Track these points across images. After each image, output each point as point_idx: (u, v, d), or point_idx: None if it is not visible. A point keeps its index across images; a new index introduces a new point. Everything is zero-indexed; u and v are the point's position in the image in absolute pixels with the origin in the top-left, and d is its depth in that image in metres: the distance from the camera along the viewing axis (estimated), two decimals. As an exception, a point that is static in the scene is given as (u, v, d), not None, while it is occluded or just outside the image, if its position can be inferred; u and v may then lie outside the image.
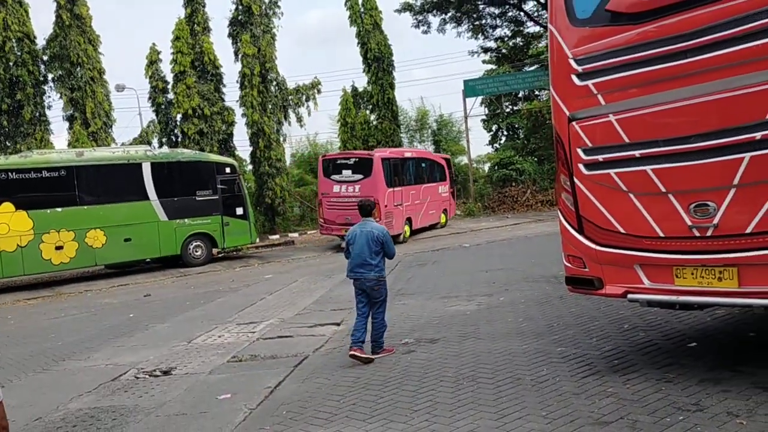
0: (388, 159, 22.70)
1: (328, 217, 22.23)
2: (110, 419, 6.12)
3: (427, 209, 25.16)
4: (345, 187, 21.66)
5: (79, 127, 27.21)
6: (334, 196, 21.86)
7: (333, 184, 21.93)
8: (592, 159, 5.55)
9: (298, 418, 5.49)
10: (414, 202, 23.73)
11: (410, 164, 24.77)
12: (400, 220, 22.61)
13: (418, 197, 24.15)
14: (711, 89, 4.70)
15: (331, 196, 22.00)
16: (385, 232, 7.46)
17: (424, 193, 24.77)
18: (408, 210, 23.24)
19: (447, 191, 27.19)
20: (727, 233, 4.77)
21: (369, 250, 7.25)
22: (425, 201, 24.79)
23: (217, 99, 29.81)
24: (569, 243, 5.89)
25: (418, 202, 24.18)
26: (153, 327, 10.82)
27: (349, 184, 21.60)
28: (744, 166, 4.61)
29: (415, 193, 24.04)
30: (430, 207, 25.43)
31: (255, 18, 30.21)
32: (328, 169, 22.45)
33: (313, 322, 9.78)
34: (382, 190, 21.39)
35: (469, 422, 4.86)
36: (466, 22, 38.87)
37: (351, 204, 20.17)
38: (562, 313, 8.34)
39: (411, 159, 25.17)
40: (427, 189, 25.31)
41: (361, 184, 21.29)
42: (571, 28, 5.60)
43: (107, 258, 19.36)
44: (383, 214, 20.71)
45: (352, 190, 21.34)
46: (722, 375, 5.26)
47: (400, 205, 22.60)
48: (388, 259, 7.47)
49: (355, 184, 21.44)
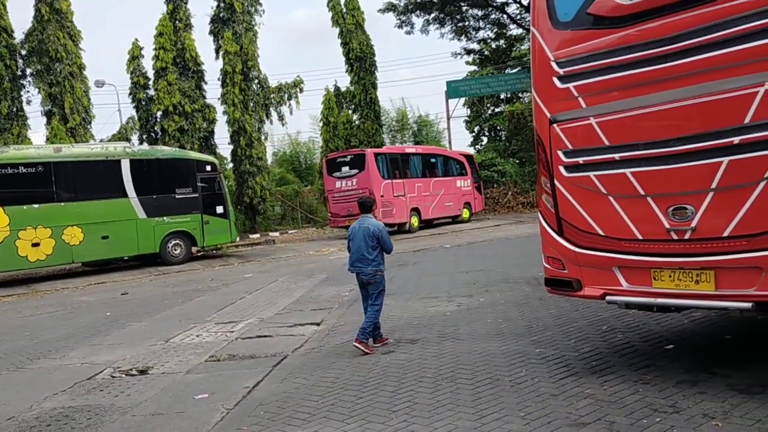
0: (383, 154, 25.73)
1: (334, 211, 25.20)
2: (85, 418, 6.03)
3: (441, 201, 27.09)
4: (344, 182, 24.67)
5: (57, 122, 26.89)
6: (337, 192, 24.85)
7: (335, 180, 25.06)
8: (572, 161, 5.58)
9: (276, 419, 5.45)
10: (422, 193, 26.23)
11: (414, 159, 27.39)
12: (403, 210, 25.23)
13: (427, 189, 26.55)
14: (691, 93, 4.74)
15: (334, 191, 25.05)
16: (381, 227, 7.63)
17: (435, 186, 26.99)
18: (413, 201, 25.78)
19: (469, 186, 28.98)
20: (704, 236, 4.82)
21: (366, 245, 7.50)
22: (438, 193, 26.83)
23: (198, 96, 29.62)
24: (549, 245, 5.91)
25: (428, 194, 26.51)
26: (130, 326, 10.71)
27: (347, 178, 24.61)
28: (722, 170, 4.65)
29: (423, 185, 26.47)
30: (446, 199, 27.33)
31: (237, 15, 30.07)
32: (330, 167, 25.56)
33: (292, 322, 9.73)
34: (377, 181, 24.12)
35: (448, 423, 4.86)
36: (449, 24, 39.05)
37: (351, 197, 23.41)
38: (542, 315, 8.37)
39: (415, 155, 27.82)
40: (439, 182, 27.36)
41: (357, 178, 24.24)
42: (553, 31, 5.63)
43: (84, 255, 19.16)
44: (380, 204, 23.24)
45: (351, 184, 24.35)
46: (699, 377, 5.31)
47: (402, 196, 25.18)
48: (386, 253, 7.68)
49: (353, 178, 24.42)
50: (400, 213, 25.04)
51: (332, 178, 25.22)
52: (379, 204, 22.61)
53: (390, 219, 24.41)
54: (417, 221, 26.00)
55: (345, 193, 24.49)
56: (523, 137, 34.19)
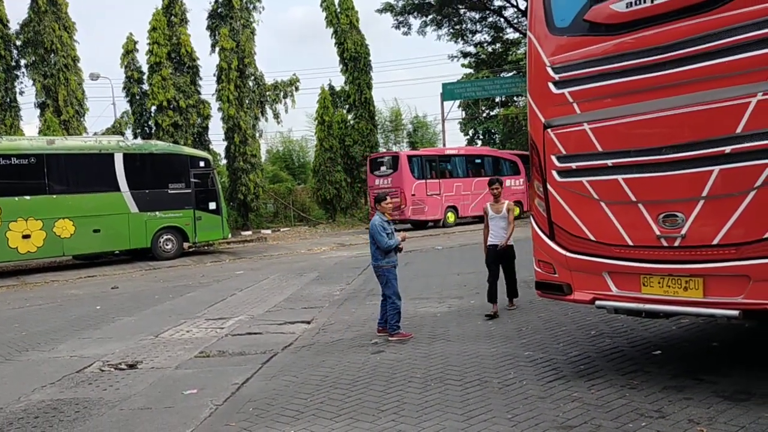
0: (418, 156, 28.15)
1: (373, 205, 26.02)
2: (73, 411, 6.03)
3: (484, 200, 27.97)
4: (382, 180, 27.36)
5: (50, 114, 26.76)
6: (376, 188, 26.91)
7: (375, 178, 27.80)
8: (565, 166, 5.62)
9: (264, 415, 5.46)
10: (460, 192, 28.17)
11: (456, 160, 29.32)
12: (437, 208, 27.47)
13: (468, 189, 28.33)
14: (684, 102, 4.79)
15: (374, 188, 27.25)
16: (374, 224, 7.98)
17: (477, 186, 28.15)
18: (450, 199, 27.86)
19: (521, 185, 30.08)
20: (694, 244, 4.87)
21: (370, 241, 8.09)
22: (481, 193, 27.63)
23: (193, 92, 29.51)
24: (540, 248, 5.96)
25: (468, 193, 28.28)
26: (120, 320, 10.69)
27: (384, 177, 27.36)
28: (713, 179, 4.71)
29: (463, 185, 28.35)
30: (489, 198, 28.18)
31: (235, 11, 30.00)
32: (372, 166, 28.34)
33: (283, 320, 9.74)
34: (408, 181, 26.65)
35: (436, 423, 4.89)
36: (446, 26, 39.07)
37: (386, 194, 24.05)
38: (531, 318, 8.42)
39: (457, 156, 29.70)
40: (482, 182, 28.19)
41: (392, 177, 26.99)
42: (549, 36, 5.67)
43: (75, 248, 19.07)
44: (411, 202, 26.47)
45: (386, 182, 27.01)
46: (685, 383, 5.36)
47: (437, 195, 27.38)
48: (380, 249, 7.92)
49: (388, 177, 27.17)
50: (434, 210, 27.38)
51: (373, 176, 27.99)
52: (409, 202, 26.25)
53: (422, 216, 27.22)
54: (454, 218, 27.93)
55: (382, 190, 26.04)
56: (518, 141, 34.35)
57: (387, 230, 7.90)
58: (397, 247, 7.99)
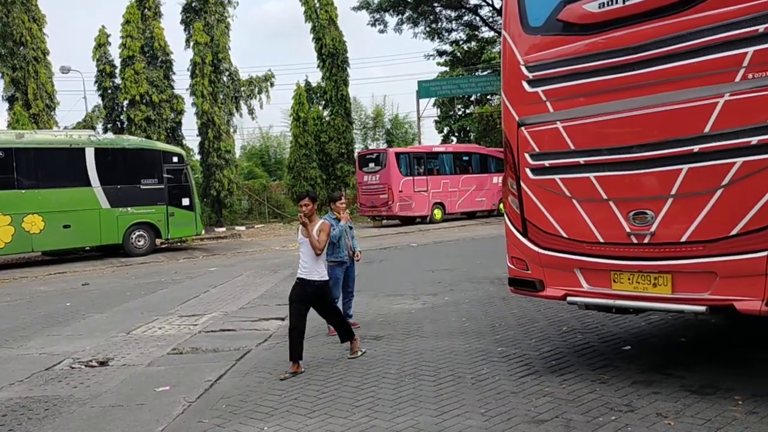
0: (406, 153, 28.32)
1: (362, 202, 28.25)
2: (42, 409, 5.94)
3: (471, 197, 28.79)
4: (370, 177, 27.50)
5: (20, 108, 26.28)
6: (364, 185, 27.72)
7: (363, 174, 27.89)
8: (538, 164, 5.69)
9: (237, 412, 5.44)
10: (447, 189, 28.19)
11: (443, 157, 29.24)
12: (423, 204, 27.54)
13: (455, 186, 28.41)
14: (654, 102, 4.87)
15: (363, 184, 27.93)
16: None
17: (465, 182, 28.73)
18: (437, 196, 27.95)
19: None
20: (663, 241, 4.96)
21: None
22: (468, 189, 28.50)
23: (166, 86, 29.21)
24: (513, 245, 6.01)
25: (455, 189, 28.36)
26: (90, 316, 10.55)
27: (372, 174, 27.41)
28: (682, 177, 4.80)
29: (450, 182, 28.38)
30: (477, 195, 28.95)
31: (210, 6, 29.75)
32: (361, 163, 28.49)
33: (257, 317, 9.70)
34: (396, 178, 26.72)
35: (410, 418, 4.92)
36: (422, 24, 39.13)
37: (374, 190, 27.28)
38: (504, 314, 8.50)
39: (444, 153, 29.74)
40: (470, 179, 29.00)
41: (380, 174, 27.04)
42: (523, 35, 5.72)
43: (45, 244, 18.79)
44: (398, 198, 26.64)
45: (374, 179, 27.21)
46: (653, 377, 5.46)
47: (424, 191, 27.46)
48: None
49: (376, 174, 27.20)
50: (421, 207, 27.52)
51: (362, 172, 28.09)
52: (397, 198, 26.55)
53: (409, 212, 27.42)
54: (440, 214, 28.10)
55: (370, 187, 27.46)
56: (492, 139, 34.53)
57: (333, 225, 7.83)
58: (354, 253, 8.21)
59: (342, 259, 8.08)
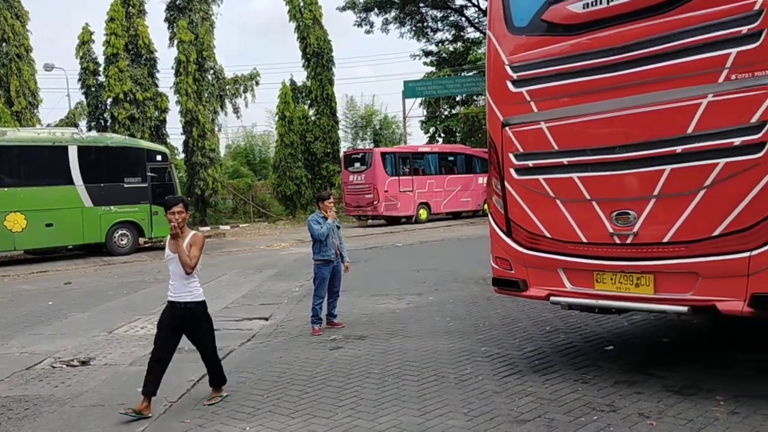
0: (391, 153, 28.27)
1: (348, 201, 28.22)
2: (23, 409, 5.87)
3: (456, 197, 28.85)
4: (356, 177, 27.37)
5: (2, 105, 25.99)
6: (350, 184, 27.62)
7: (349, 174, 27.71)
8: (522, 164, 5.70)
9: (220, 412, 5.40)
10: (433, 189, 28.24)
11: (429, 158, 29.32)
12: (409, 204, 27.54)
13: (440, 186, 28.43)
14: (637, 102, 4.89)
15: (348, 184, 27.79)
16: (308, 220, 8.26)
17: (450, 183, 28.79)
18: (422, 196, 27.99)
19: None
20: (645, 242, 4.98)
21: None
22: (453, 189, 28.58)
23: (150, 84, 29.00)
24: (497, 245, 6.02)
25: (440, 190, 28.40)
26: (72, 316, 10.44)
27: (358, 173, 27.30)
28: (664, 178, 4.82)
29: (435, 182, 28.42)
30: (462, 195, 29.05)
31: (194, 4, 29.57)
32: (347, 162, 28.15)
33: (240, 316, 9.65)
34: (382, 178, 26.70)
35: (392, 418, 4.91)
36: (408, 24, 39.17)
37: (359, 190, 27.23)
38: (488, 314, 8.51)
39: (430, 153, 29.82)
40: (455, 179, 29.08)
41: (365, 174, 26.96)
42: (508, 36, 5.73)
43: (27, 243, 18.60)
44: (384, 198, 26.58)
45: (360, 179, 27.13)
46: (636, 377, 5.49)
47: (409, 191, 27.45)
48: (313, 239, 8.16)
49: (362, 174, 27.09)
50: (406, 207, 27.52)
51: (347, 172, 27.90)
52: (382, 198, 26.47)
53: (394, 212, 27.38)
54: (426, 214, 28.12)
55: (356, 186, 27.44)
56: (477, 139, 34.64)
57: (320, 223, 8.08)
58: (340, 256, 8.33)
59: (329, 257, 8.08)
